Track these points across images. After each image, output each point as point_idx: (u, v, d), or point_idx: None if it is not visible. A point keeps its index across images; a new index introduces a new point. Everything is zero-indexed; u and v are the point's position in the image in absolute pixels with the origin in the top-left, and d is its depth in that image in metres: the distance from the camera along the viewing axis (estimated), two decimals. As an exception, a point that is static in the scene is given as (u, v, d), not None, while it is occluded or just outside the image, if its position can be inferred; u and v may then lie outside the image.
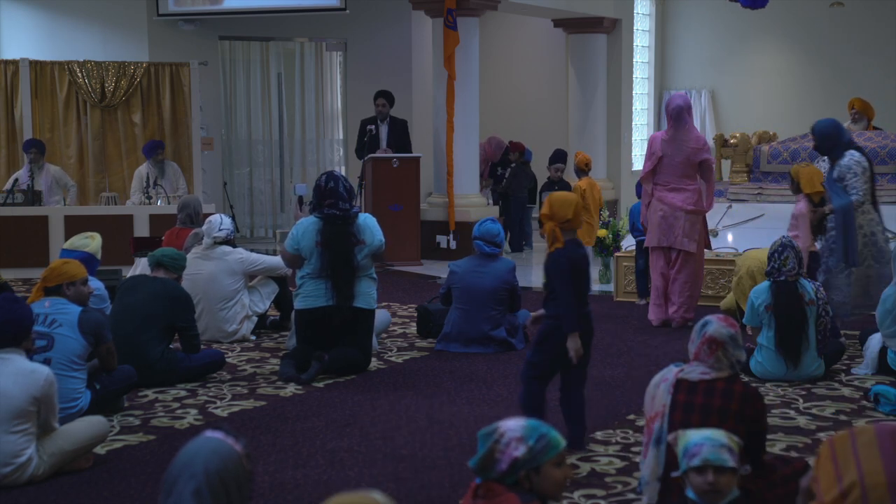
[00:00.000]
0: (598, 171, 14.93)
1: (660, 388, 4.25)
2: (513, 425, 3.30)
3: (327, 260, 6.91)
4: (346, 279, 6.91)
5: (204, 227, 8.24)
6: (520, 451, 3.24)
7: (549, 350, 5.22)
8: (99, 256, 7.00)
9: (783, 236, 6.96)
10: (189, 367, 6.77)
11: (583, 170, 10.33)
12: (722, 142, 11.78)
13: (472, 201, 13.09)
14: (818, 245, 7.70)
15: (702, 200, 8.46)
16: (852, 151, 7.70)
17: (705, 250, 8.77)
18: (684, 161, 8.39)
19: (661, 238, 8.48)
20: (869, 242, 7.61)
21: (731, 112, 17.28)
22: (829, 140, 7.77)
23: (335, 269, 6.90)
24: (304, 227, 7.05)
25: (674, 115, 8.41)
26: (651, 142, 8.66)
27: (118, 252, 10.29)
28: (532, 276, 11.66)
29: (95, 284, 6.73)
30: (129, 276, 8.03)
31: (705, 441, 3.59)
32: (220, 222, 8.14)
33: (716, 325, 4.24)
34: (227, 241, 8.12)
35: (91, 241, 6.97)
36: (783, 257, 6.73)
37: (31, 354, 5.36)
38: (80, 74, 12.76)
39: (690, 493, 3.61)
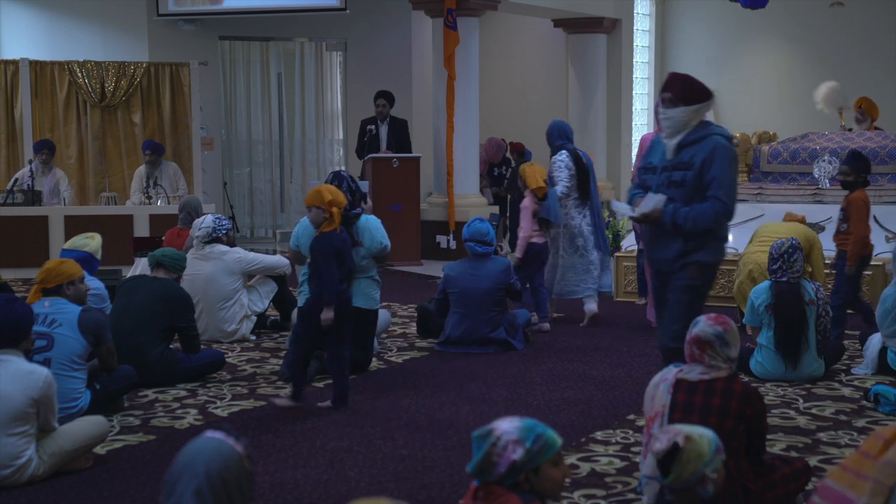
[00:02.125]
0: (599, 172, 14.92)
1: (659, 388, 4.25)
2: (508, 427, 3.29)
3: None
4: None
5: (192, 228, 8.28)
6: (518, 453, 3.24)
7: (313, 320, 6.06)
8: (99, 256, 7.00)
9: (791, 238, 6.96)
10: (189, 367, 6.77)
11: None
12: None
13: (472, 201, 13.10)
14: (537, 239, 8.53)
15: None
16: (562, 151, 8.67)
17: None
18: None
19: None
20: (565, 234, 8.68)
21: (731, 112, 17.27)
22: (547, 139, 8.81)
23: None
24: (305, 225, 7.07)
25: None
26: (641, 142, 8.70)
27: (118, 252, 10.30)
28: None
29: (95, 284, 6.73)
30: (129, 276, 8.03)
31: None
32: (201, 221, 8.16)
33: (702, 324, 4.24)
34: (218, 240, 8.11)
35: (91, 241, 6.97)
36: (792, 259, 6.74)
37: (31, 354, 5.36)
38: (80, 74, 12.76)
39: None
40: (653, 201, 5.13)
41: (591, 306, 8.76)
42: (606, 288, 9.10)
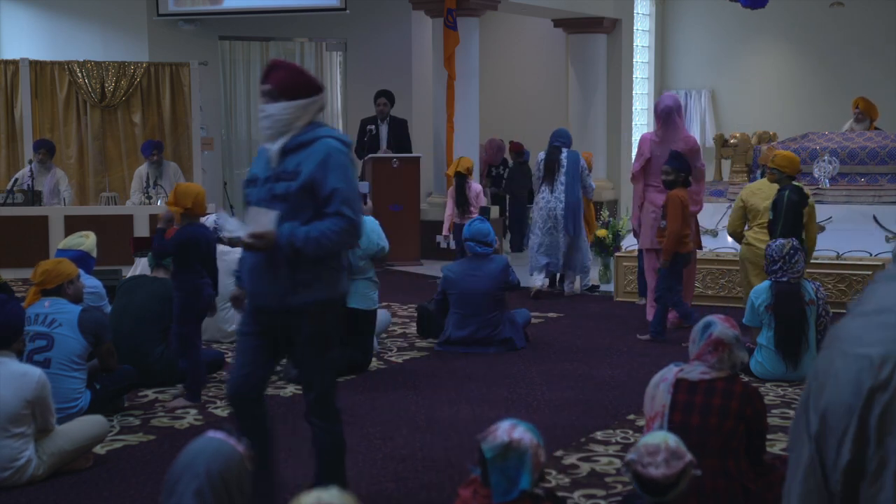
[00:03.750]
0: (599, 172, 14.94)
1: (659, 388, 4.24)
2: (523, 433, 3.28)
3: None
4: None
5: None
6: (542, 456, 3.25)
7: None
8: (94, 254, 6.99)
9: (792, 239, 6.97)
10: (189, 367, 6.76)
11: None
12: (722, 142, 11.78)
13: (472, 201, 13.09)
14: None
15: (692, 201, 8.48)
16: (543, 152, 10.34)
17: (698, 250, 8.81)
18: None
19: (655, 240, 8.51)
20: (539, 217, 10.20)
21: (731, 112, 17.27)
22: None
23: None
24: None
25: (663, 116, 8.44)
26: (641, 143, 8.71)
27: (118, 252, 10.29)
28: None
29: (92, 282, 6.73)
30: (129, 276, 8.02)
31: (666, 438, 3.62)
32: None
33: (721, 326, 4.23)
34: (218, 240, 8.08)
35: (85, 240, 6.97)
36: (794, 260, 6.76)
37: (31, 354, 5.37)
38: (80, 74, 12.76)
39: None
40: (265, 218, 3.97)
41: (538, 281, 10.24)
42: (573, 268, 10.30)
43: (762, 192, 8.28)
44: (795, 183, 7.87)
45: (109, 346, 5.79)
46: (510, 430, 3.32)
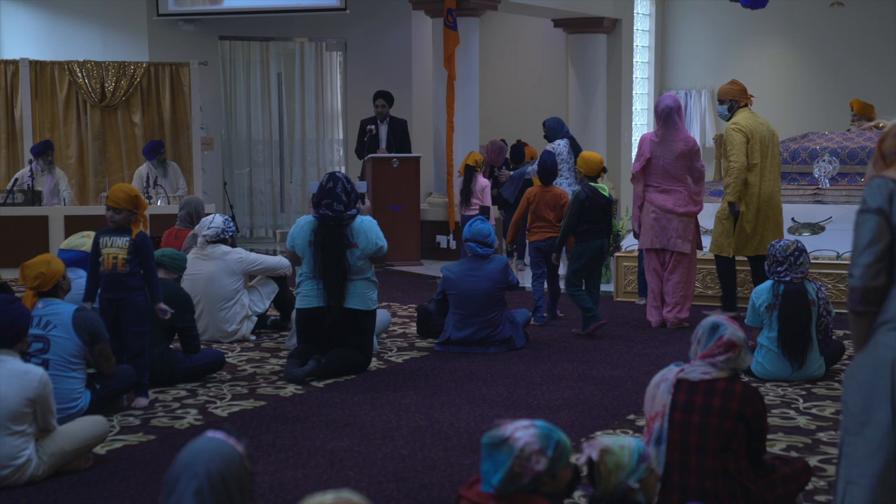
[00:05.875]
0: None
1: (660, 388, 4.24)
2: (527, 436, 3.24)
3: (318, 260, 6.93)
4: (336, 280, 6.91)
5: (197, 227, 8.27)
6: (541, 464, 3.21)
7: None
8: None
9: (797, 240, 6.96)
10: (189, 367, 6.77)
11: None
12: (721, 142, 11.77)
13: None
14: None
15: (692, 202, 8.48)
16: (555, 143, 10.95)
17: (699, 251, 8.80)
18: (673, 162, 8.41)
19: (654, 240, 8.52)
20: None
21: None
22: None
23: (326, 269, 6.91)
24: (301, 225, 7.09)
25: (663, 116, 8.44)
26: (641, 143, 8.71)
27: (118, 252, 10.26)
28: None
29: (94, 284, 6.73)
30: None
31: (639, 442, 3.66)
32: (210, 220, 8.17)
33: (732, 328, 4.22)
34: (223, 240, 8.11)
35: (87, 241, 6.96)
36: (800, 261, 6.75)
37: (29, 358, 5.36)
38: (80, 74, 12.76)
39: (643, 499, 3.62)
40: None
41: None
42: None
43: (750, 123, 8.55)
44: (593, 184, 8.37)
45: (104, 347, 5.74)
46: (516, 429, 3.30)
